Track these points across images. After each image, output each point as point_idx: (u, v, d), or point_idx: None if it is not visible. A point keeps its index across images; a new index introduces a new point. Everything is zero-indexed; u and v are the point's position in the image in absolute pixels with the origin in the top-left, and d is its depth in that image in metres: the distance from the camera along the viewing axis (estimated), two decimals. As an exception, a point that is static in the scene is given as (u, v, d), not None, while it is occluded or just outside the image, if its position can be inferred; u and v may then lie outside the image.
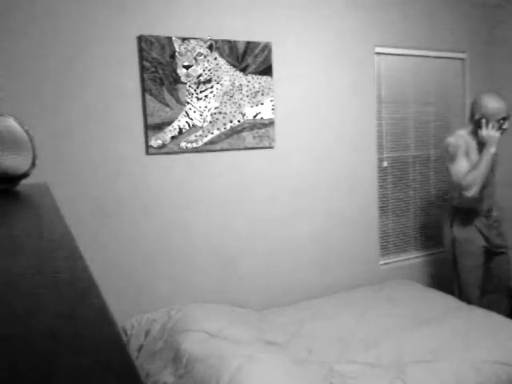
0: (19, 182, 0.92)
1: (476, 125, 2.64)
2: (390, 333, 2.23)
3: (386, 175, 3.18)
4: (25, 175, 0.90)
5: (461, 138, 2.63)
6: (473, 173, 2.54)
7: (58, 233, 0.55)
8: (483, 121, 2.58)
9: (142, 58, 2.29)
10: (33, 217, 0.66)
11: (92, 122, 2.23)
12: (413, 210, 3.32)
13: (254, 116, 2.59)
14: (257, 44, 2.57)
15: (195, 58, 2.42)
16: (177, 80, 2.38)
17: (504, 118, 2.58)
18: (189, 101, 2.42)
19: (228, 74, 2.51)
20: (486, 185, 2.68)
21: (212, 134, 2.49)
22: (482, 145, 2.61)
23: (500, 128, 2.59)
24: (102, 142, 2.25)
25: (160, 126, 2.35)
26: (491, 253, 2.78)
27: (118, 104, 2.27)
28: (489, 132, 2.56)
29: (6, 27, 2.03)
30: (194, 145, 2.45)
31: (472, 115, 2.66)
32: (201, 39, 2.42)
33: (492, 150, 2.55)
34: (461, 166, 2.58)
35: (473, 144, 2.64)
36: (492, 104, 2.56)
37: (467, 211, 2.72)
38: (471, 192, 2.55)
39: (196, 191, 2.49)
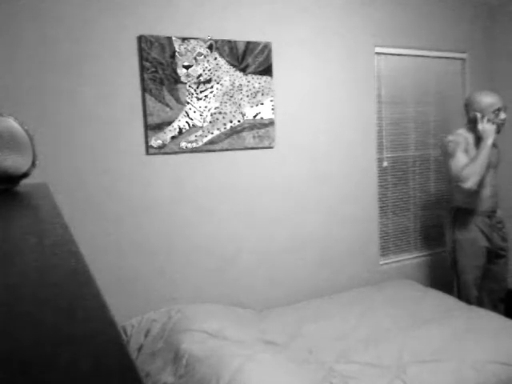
0: (19, 182, 0.92)
1: (473, 122, 2.67)
2: (389, 333, 2.23)
3: (385, 175, 3.18)
4: (25, 175, 0.90)
5: (460, 135, 2.66)
6: (471, 165, 2.53)
7: (58, 233, 0.55)
8: (478, 115, 2.61)
9: (141, 58, 2.29)
10: (33, 217, 0.66)
11: (92, 122, 2.23)
12: (413, 210, 3.32)
13: (254, 116, 2.59)
14: (257, 44, 2.57)
15: (195, 58, 2.42)
16: (177, 80, 2.38)
17: (499, 109, 2.62)
18: (189, 101, 2.42)
19: (228, 74, 2.51)
20: (486, 184, 2.68)
21: (212, 134, 2.49)
22: (480, 141, 2.62)
23: (496, 118, 2.62)
24: (102, 142, 2.25)
25: (160, 126, 2.35)
26: (493, 254, 2.78)
27: (117, 104, 2.27)
28: (484, 125, 2.58)
29: (7, 27, 2.03)
30: (194, 145, 2.45)
31: (467, 113, 2.71)
32: (201, 39, 2.42)
33: (489, 141, 2.55)
34: (459, 160, 2.59)
35: (471, 141, 2.66)
36: (484, 98, 2.62)
37: (468, 212, 2.71)
38: (469, 183, 2.51)
39: (196, 191, 2.49)
